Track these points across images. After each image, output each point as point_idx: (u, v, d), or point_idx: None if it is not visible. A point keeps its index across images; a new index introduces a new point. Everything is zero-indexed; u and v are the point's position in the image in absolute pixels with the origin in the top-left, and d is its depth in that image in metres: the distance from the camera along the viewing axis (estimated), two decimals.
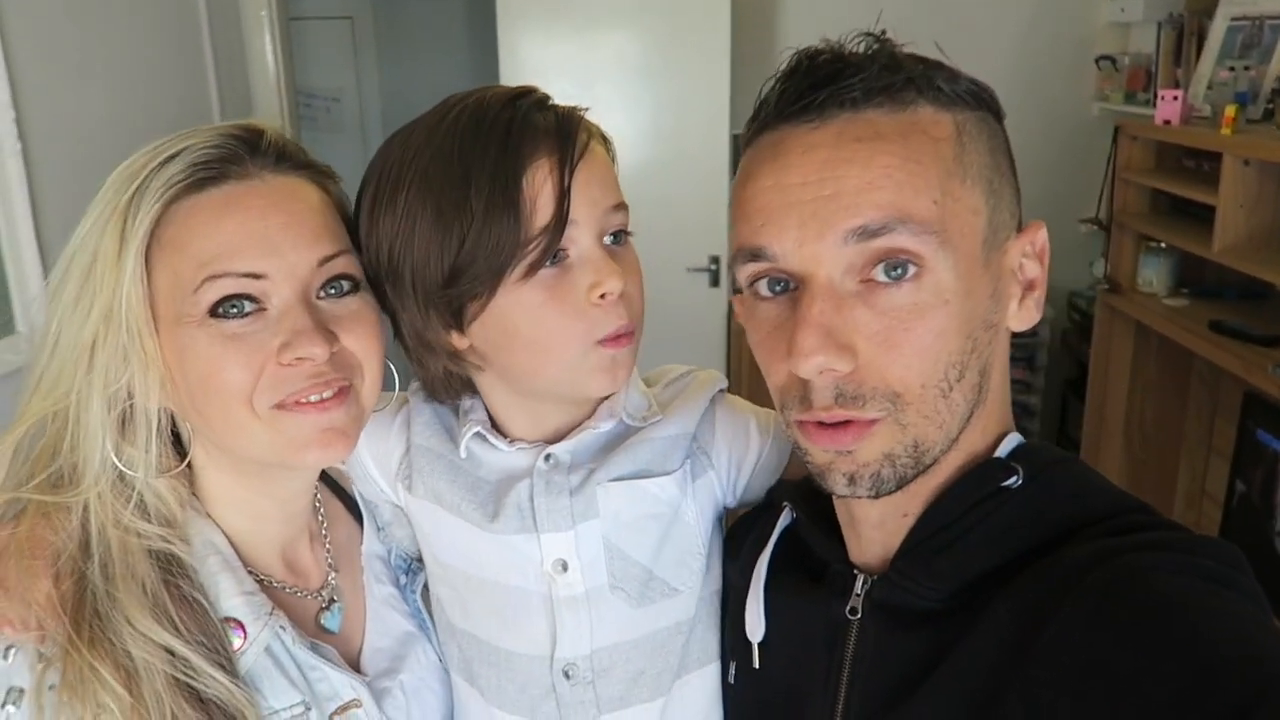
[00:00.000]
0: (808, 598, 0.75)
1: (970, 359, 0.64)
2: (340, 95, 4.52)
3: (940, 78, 0.64)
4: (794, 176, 0.63)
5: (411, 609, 0.92)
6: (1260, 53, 2.29)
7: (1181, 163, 2.58)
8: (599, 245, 0.74)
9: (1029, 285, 0.69)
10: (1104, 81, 3.18)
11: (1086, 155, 3.07)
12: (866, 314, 0.62)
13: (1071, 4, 3.25)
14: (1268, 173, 2.06)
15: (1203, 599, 0.56)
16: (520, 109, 0.73)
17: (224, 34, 3.06)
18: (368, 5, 4.42)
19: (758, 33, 3.31)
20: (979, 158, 0.64)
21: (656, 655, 0.82)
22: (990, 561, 0.65)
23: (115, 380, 0.73)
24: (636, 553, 0.81)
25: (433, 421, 0.86)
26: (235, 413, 0.73)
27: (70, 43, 2.28)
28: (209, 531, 0.79)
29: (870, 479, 0.65)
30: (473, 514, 0.82)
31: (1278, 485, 1.98)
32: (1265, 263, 2.03)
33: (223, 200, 0.73)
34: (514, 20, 3.10)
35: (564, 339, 0.73)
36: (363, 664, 0.85)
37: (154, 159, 0.73)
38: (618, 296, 0.73)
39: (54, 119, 2.14)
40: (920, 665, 0.65)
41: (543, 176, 0.71)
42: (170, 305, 0.72)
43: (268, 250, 0.72)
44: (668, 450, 0.82)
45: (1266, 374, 1.95)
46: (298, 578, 0.86)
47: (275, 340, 0.72)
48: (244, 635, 0.75)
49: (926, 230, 0.61)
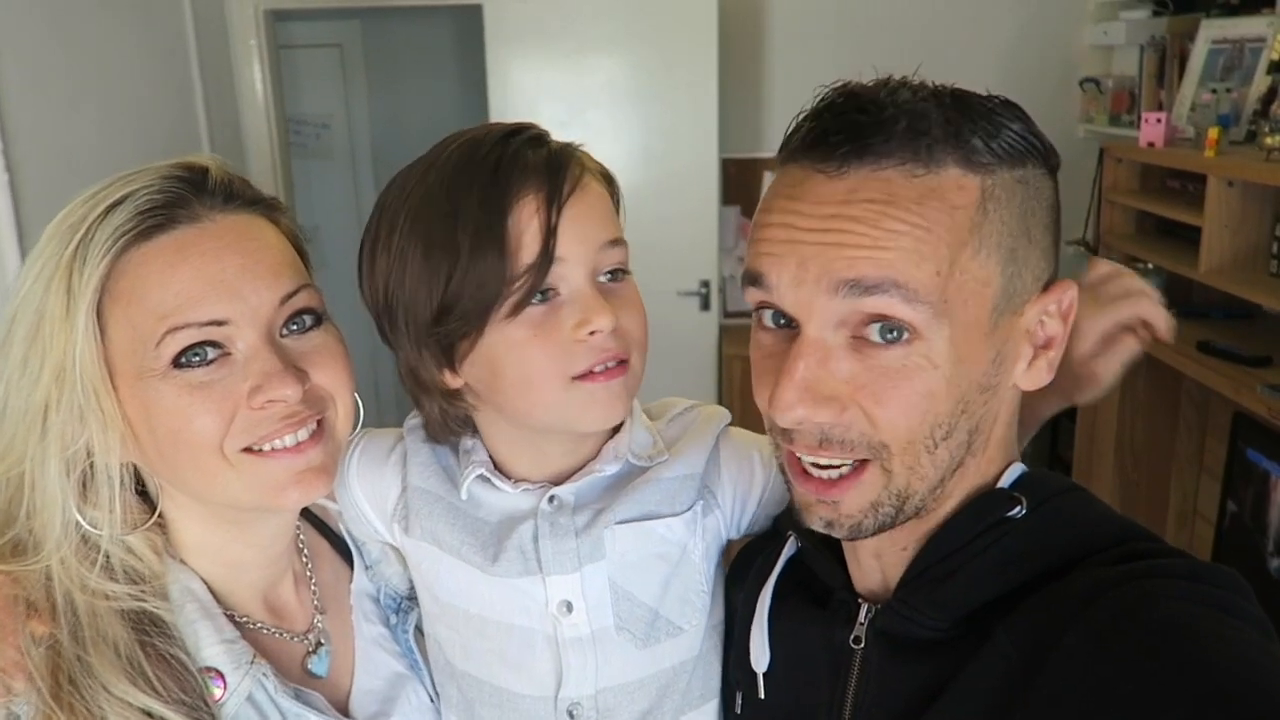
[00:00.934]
0: (812, 625, 0.74)
1: (960, 420, 0.64)
2: (330, 122, 4.53)
3: (979, 133, 0.61)
4: (803, 222, 0.62)
5: (403, 649, 0.90)
6: (1241, 75, 2.32)
7: (1166, 184, 2.60)
8: (590, 283, 0.73)
9: (1045, 344, 0.67)
10: (1089, 104, 3.21)
11: (1072, 177, 3.09)
12: (855, 367, 0.62)
13: (1055, 27, 3.30)
14: (1251, 193, 2.08)
15: (1208, 626, 0.55)
16: (512, 145, 0.73)
17: (213, 62, 3.07)
18: (357, 32, 4.44)
19: (746, 58, 3.34)
20: (1003, 225, 0.62)
21: (662, 695, 0.81)
22: (994, 591, 0.65)
23: (73, 441, 0.70)
24: (642, 593, 0.80)
25: (430, 462, 0.84)
26: (206, 462, 0.71)
27: (59, 72, 2.28)
28: (186, 579, 0.77)
29: (850, 528, 0.66)
30: (473, 557, 0.80)
31: (1269, 504, 1.99)
32: (1251, 283, 2.05)
33: (174, 247, 0.70)
34: (503, 46, 3.12)
35: (544, 376, 0.72)
36: (352, 707, 0.83)
37: (95, 208, 0.70)
38: (608, 333, 0.72)
39: (42, 149, 2.14)
40: (924, 694, 0.65)
41: (529, 213, 0.70)
42: (130, 360, 0.70)
43: (228, 295, 0.70)
44: (676, 491, 0.81)
45: (1255, 394, 1.96)
46: (282, 620, 0.83)
47: (245, 385, 0.71)
48: (224, 685, 0.73)
49: (922, 300, 0.60)
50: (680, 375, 3.11)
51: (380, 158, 4.55)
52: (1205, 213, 2.14)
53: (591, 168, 0.77)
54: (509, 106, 3.13)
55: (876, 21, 3.24)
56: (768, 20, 3.36)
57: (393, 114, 4.47)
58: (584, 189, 0.74)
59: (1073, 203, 3.02)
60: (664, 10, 3.06)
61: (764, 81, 3.40)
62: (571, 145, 0.77)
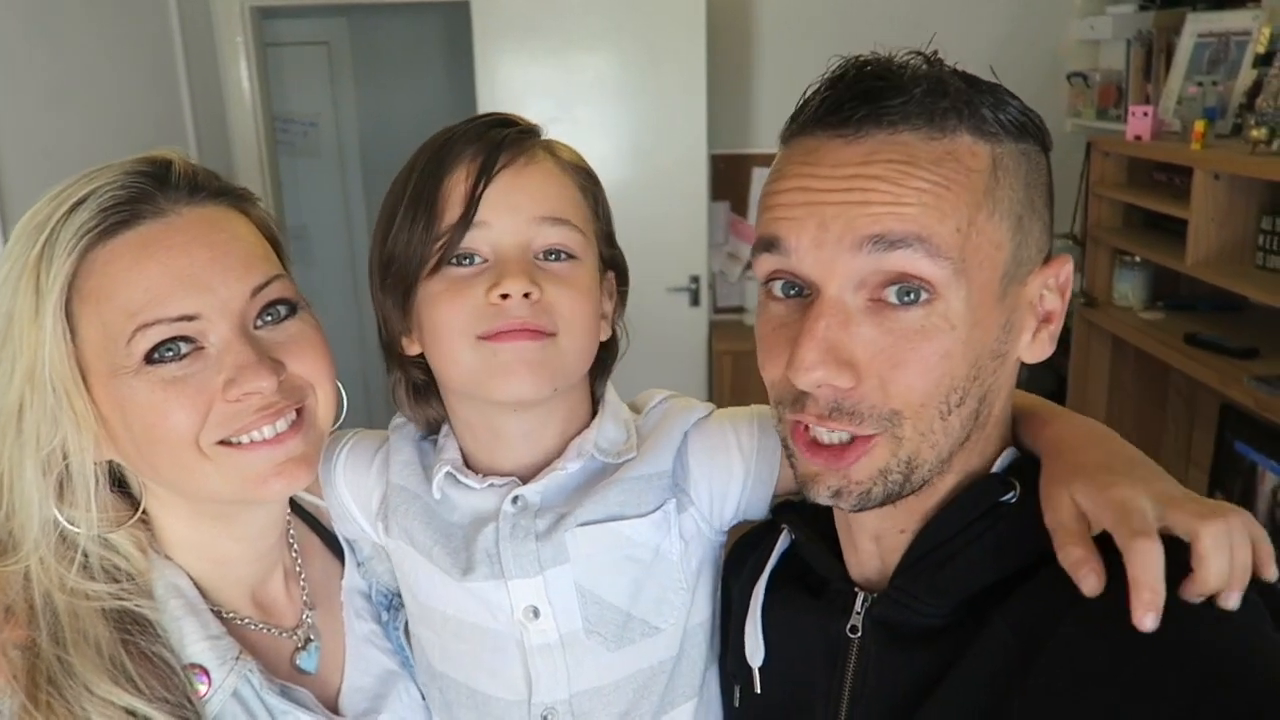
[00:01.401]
0: (808, 616, 0.74)
1: (972, 386, 0.64)
2: (317, 120, 4.51)
3: (986, 105, 0.63)
4: (821, 184, 0.62)
5: (394, 646, 0.89)
6: (1227, 68, 2.33)
7: (1153, 177, 2.61)
8: (517, 253, 0.74)
9: (1046, 318, 0.68)
10: (1076, 98, 3.22)
11: (1060, 171, 3.06)
12: (873, 331, 0.62)
13: (1042, 21, 3.30)
14: (1237, 186, 2.09)
15: (1202, 610, 0.56)
16: (476, 124, 0.77)
17: (200, 61, 3.06)
18: (344, 30, 4.42)
19: (734, 54, 3.33)
20: (1011, 193, 0.63)
21: (639, 696, 0.80)
22: (990, 576, 0.65)
23: (47, 442, 0.70)
24: (612, 596, 0.79)
25: (412, 460, 0.85)
26: (183, 456, 0.71)
27: (44, 69, 2.26)
28: (172, 574, 0.76)
29: (859, 496, 0.65)
30: (444, 561, 0.80)
31: (1257, 496, 2.00)
32: (1237, 275, 2.06)
33: (140, 243, 0.69)
34: (491, 43, 3.11)
35: (452, 332, 0.74)
36: (342, 704, 0.83)
37: (59, 207, 0.69)
38: (519, 299, 0.72)
39: (28, 147, 2.12)
40: (923, 683, 0.65)
41: (459, 178, 0.74)
42: (102, 358, 0.69)
43: (197, 289, 0.70)
44: (641, 491, 0.80)
45: (1242, 386, 1.97)
46: (270, 616, 0.83)
47: (219, 378, 0.70)
48: (209, 682, 0.73)
49: (944, 255, 0.60)
50: (670, 371, 3.11)
51: (368, 155, 4.53)
52: (1192, 206, 2.14)
53: (561, 154, 0.79)
54: (497, 103, 3.12)
55: (864, 16, 3.25)
56: (756, 16, 3.36)
57: (381, 111, 4.45)
58: (530, 163, 0.76)
59: (1060, 196, 3.00)
60: (652, 6, 3.05)
61: (752, 77, 3.40)
62: (543, 134, 0.79)
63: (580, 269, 0.77)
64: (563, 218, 0.76)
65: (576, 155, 0.81)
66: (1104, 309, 2.67)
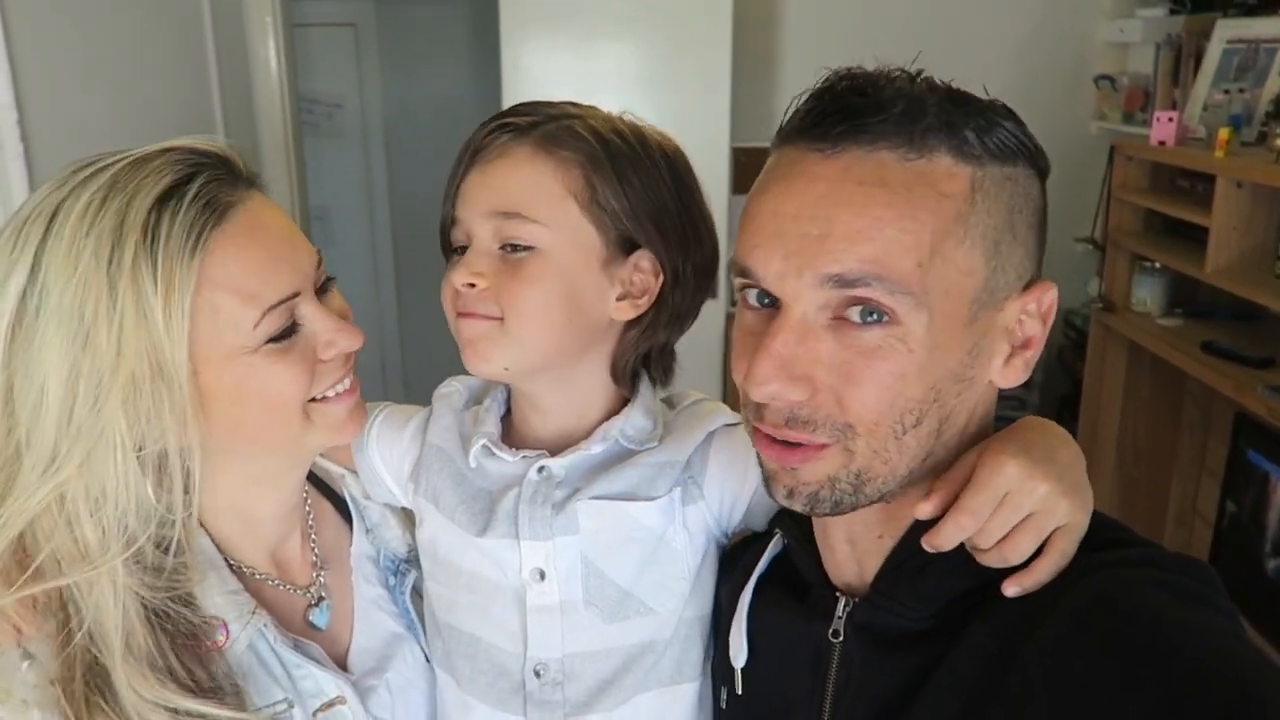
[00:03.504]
0: (792, 619, 0.75)
1: (930, 408, 0.64)
2: (343, 102, 4.53)
3: (971, 126, 0.62)
4: (792, 206, 0.63)
5: (400, 610, 0.92)
6: (1255, 76, 2.31)
7: (1176, 183, 2.59)
8: (484, 244, 0.80)
9: (1024, 344, 0.67)
10: (1102, 101, 3.20)
11: (1084, 174, 3.09)
12: (831, 346, 0.63)
13: (1070, 23, 3.28)
14: (1260, 195, 2.08)
15: (1178, 615, 0.57)
16: (494, 116, 0.83)
17: (227, 39, 3.08)
18: (371, 13, 4.43)
19: (759, 45, 3.33)
20: (989, 218, 0.63)
21: (625, 667, 0.83)
22: (972, 579, 0.66)
23: (153, 441, 0.71)
24: (615, 573, 0.83)
25: (451, 427, 0.90)
26: (291, 418, 0.77)
27: (74, 45, 2.29)
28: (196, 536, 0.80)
29: (807, 498, 0.67)
30: (463, 520, 0.85)
31: (1268, 506, 1.99)
32: (1256, 284, 2.05)
33: (240, 230, 0.73)
34: (517, 29, 3.12)
35: (446, 308, 0.83)
36: (350, 662, 0.86)
37: (134, 204, 0.68)
38: (461, 288, 0.80)
39: (57, 121, 2.14)
40: (904, 688, 0.66)
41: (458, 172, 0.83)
42: (218, 344, 0.71)
43: (292, 267, 0.76)
44: (654, 476, 0.83)
45: (1257, 395, 1.97)
46: (286, 574, 0.87)
47: (319, 340, 0.77)
48: (227, 634, 0.77)
49: (903, 290, 0.61)
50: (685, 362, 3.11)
51: (392, 139, 4.55)
52: (1213, 213, 2.14)
53: (559, 143, 0.80)
54: (522, 90, 3.13)
55: (892, 12, 3.23)
56: (782, 10, 3.35)
57: (406, 95, 4.47)
58: (498, 158, 0.80)
59: (1083, 200, 3.02)
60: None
61: (777, 70, 3.40)
62: (560, 121, 0.81)
63: (535, 260, 0.79)
64: (512, 211, 0.79)
65: (596, 138, 0.81)
66: (1122, 314, 2.66)
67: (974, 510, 0.63)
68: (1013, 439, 0.66)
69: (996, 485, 0.63)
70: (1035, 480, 0.64)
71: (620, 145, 0.83)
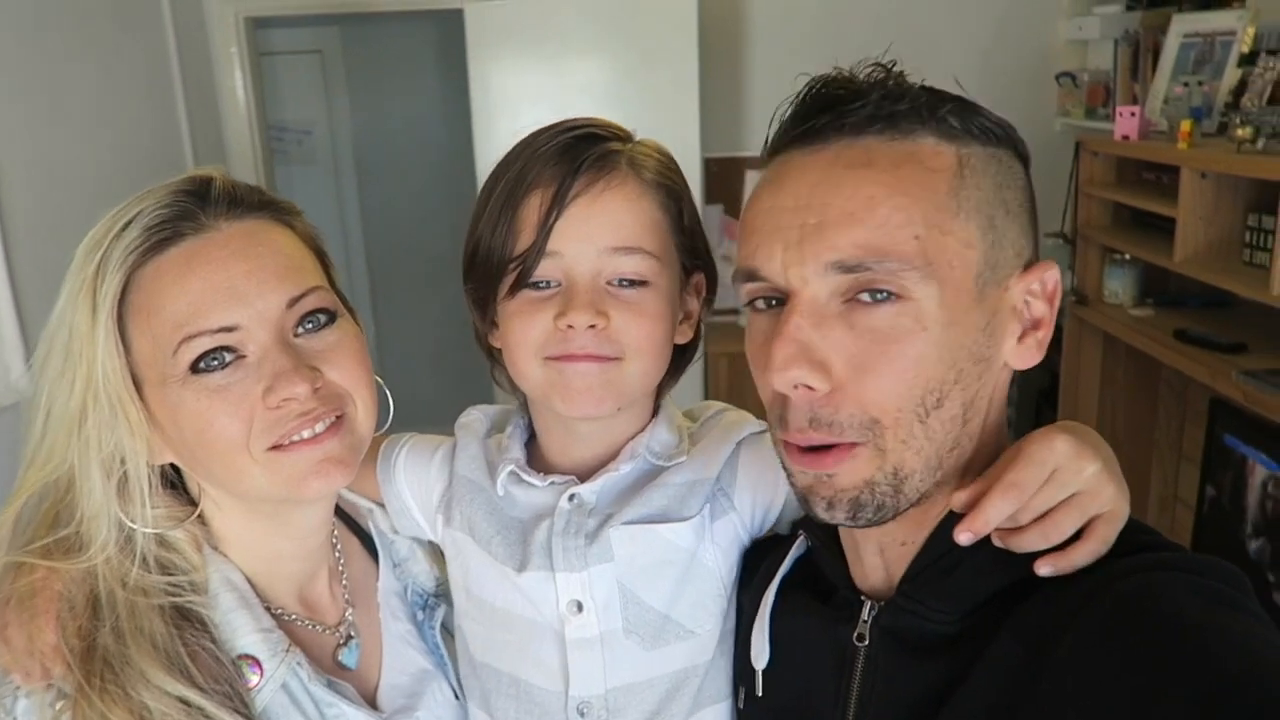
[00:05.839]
0: (816, 622, 0.74)
1: (953, 389, 0.64)
2: (312, 128, 4.53)
3: (949, 111, 0.64)
4: (786, 199, 0.64)
5: (429, 646, 0.91)
6: (1213, 68, 2.35)
7: (1141, 176, 2.63)
8: (590, 280, 0.76)
9: (1034, 324, 0.67)
10: (1065, 98, 3.25)
11: (1050, 170, 3.12)
12: (845, 334, 0.62)
13: (1031, 22, 3.33)
14: (1224, 185, 2.12)
15: (1209, 620, 0.56)
16: (562, 138, 0.77)
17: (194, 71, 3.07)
18: (337, 39, 4.44)
19: (726, 59, 3.36)
20: (979, 193, 0.64)
21: (671, 696, 0.82)
22: (999, 581, 0.65)
23: (106, 447, 0.74)
24: (652, 598, 0.81)
25: (478, 456, 0.88)
26: (234, 460, 0.74)
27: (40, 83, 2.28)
28: (226, 569, 0.79)
29: (848, 504, 0.65)
30: (500, 552, 0.83)
31: (1247, 488, 2.02)
32: (1225, 272, 2.09)
33: (183, 259, 0.73)
34: (484, 50, 3.13)
35: (524, 350, 0.78)
36: (379, 700, 0.85)
37: (112, 227, 0.74)
38: (584, 330, 0.75)
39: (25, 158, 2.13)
40: (931, 693, 0.65)
41: (535, 203, 0.76)
42: (153, 368, 0.73)
43: (236, 301, 0.73)
44: (684, 496, 0.82)
45: (1231, 380, 1.99)
46: (315, 613, 0.86)
47: (259, 386, 0.73)
48: (260, 672, 0.76)
49: (906, 266, 0.61)
50: None
51: (363, 163, 4.54)
52: (1179, 204, 2.17)
53: (645, 169, 0.79)
54: (491, 110, 3.14)
55: (855, 18, 3.27)
56: (748, 19, 3.39)
57: (375, 119, 4.47)
58: (605, 190, 0.76)
59: (1050, 196, 3.04)
60: (644, 11, 3.07)
61: (745, 80, 3.43)
62: (630, 146, 0.79)
63: (651, 294, 0.78)
64: (635, 246, 0.77)
65: (662, 165, 0.81)
66: (1095, 306, 2.69)
67: (1021, 484, 0.62)
68: (1057, 426, 0.67)
69: (1045, 460, 0.63)
70: (1085, 460, 0.63)
71: (675, 166, 0.83)
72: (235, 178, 0.80)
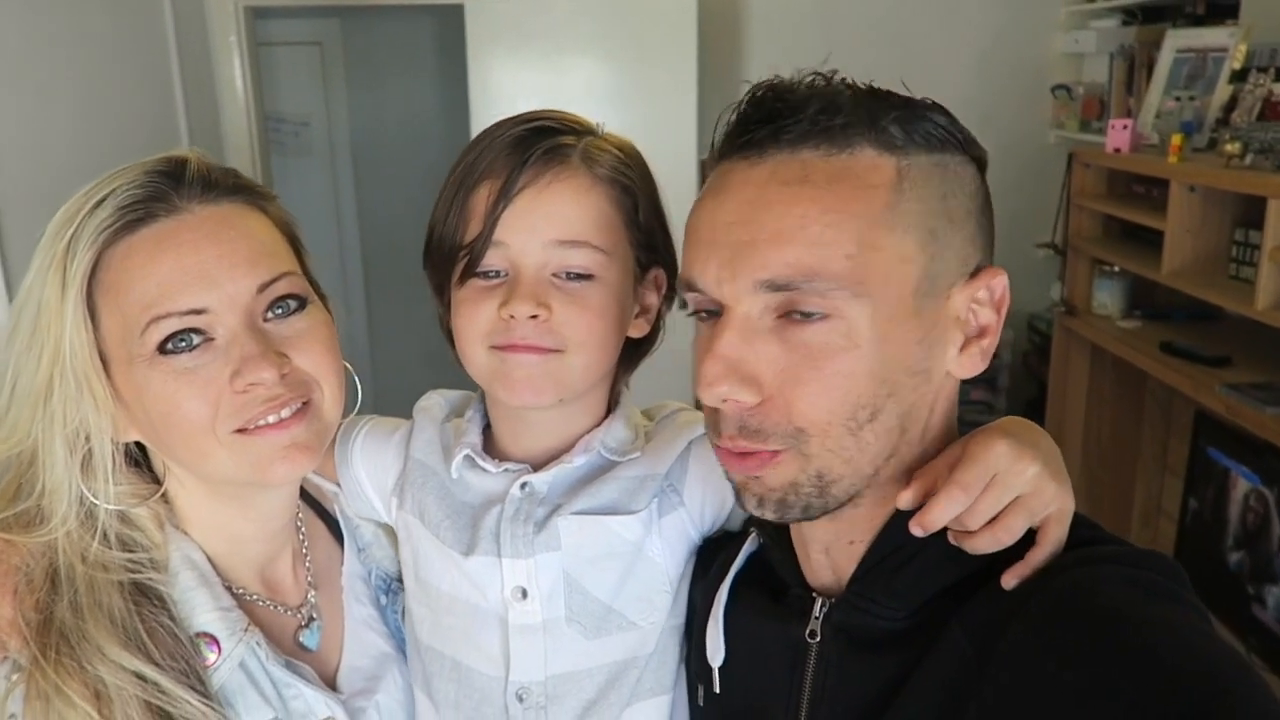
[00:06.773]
0: (769, 620, 0.75)
1: (886, 402, 0.64)
2: (309, 120, 4.52)
3: (890, 119, 0.63)
4: (724, 214, 0.65)
5: (391, 629, 0.92)
6: (1204, 84, 2.37)
7: (1132, 189, 2.65)
8: (534, 271, 0.77)
9: (979, 333, 0.67)
10: (1060, 110, 3.27)
11: (1043, 181, 3.14)
12: (777, 349, 0.63)
13: (1028, 35, 3.35)
14: (1212, 199, 2.14)
15: (1149, 612, 0.57)
16: (516, 131, 0.78)
17: (193, 59, 3.07)
18: (337, 31, 4.43)
19: (724, 59, 3.36)
20: (920, 205, 0.63)
21: (610, 685, 0.83)
22: (948, 578, 0.66)
23: (71, 422, 0.74)
24: (596, 589, 0.82)
25: (434, 440, 0.89)
26: (199, 442, 0.74)
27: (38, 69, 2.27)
28: (187, 548, 0.80)
29: (775, 503, 0.67)
30: (448, 537, 0.84)
31: (1229, 501, 2.04)
32: (1211, 285, 2.11)
33: (154, 240, 0.73)
34: (484, 46, 3.13)
35: (470, 337, 0.79)
36: (339, 682, 0.86)
37: (84, 204, 0.73)
38: (525, 320, 0.76)
39: (19, 142, 2.13)
40: (882, 689, 0.66)
41: (485, 194, 0.77)
42: (121, 347, 0.74)
43: (205, 284, 0.73)
44: (634, 490, 0.83)
45: (1215, 393, 2.01)
46: (277, 594, 0.86)
47: (226, 369, 0.74)
48: (218, 650, 0.76)
49: (836, 285, 0.61)
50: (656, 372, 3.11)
51: (360, 156, 4.54)
52: (1168, 217, 2.19)
53: (599, 164, 0.79)
54: (489, 106, 3.14)
55: (854, 25, 3.28)
56: (747, 21, 3.40)
57: (373, 112, 4.46)
58: (552, 183, 0.77)
59: (1043, 206, 3.08)
60: (644, 11, 3.08)
61: (742, 82, 3.42)
62: (586, 140, 0.80)
63: (596, 288, 0.79)
64: (580, 240, 0.78)
65: (619, 160, 0.81)
66: (1083, 317, 2.71)
67: (966, 484, 0.63)
68: (997, 428, 0.67)
69: (987, 462, 0.64)
70: (1025, 461, 0.64)
71: (636, 161, 0.84)
72: (212, 160, 0.79)
